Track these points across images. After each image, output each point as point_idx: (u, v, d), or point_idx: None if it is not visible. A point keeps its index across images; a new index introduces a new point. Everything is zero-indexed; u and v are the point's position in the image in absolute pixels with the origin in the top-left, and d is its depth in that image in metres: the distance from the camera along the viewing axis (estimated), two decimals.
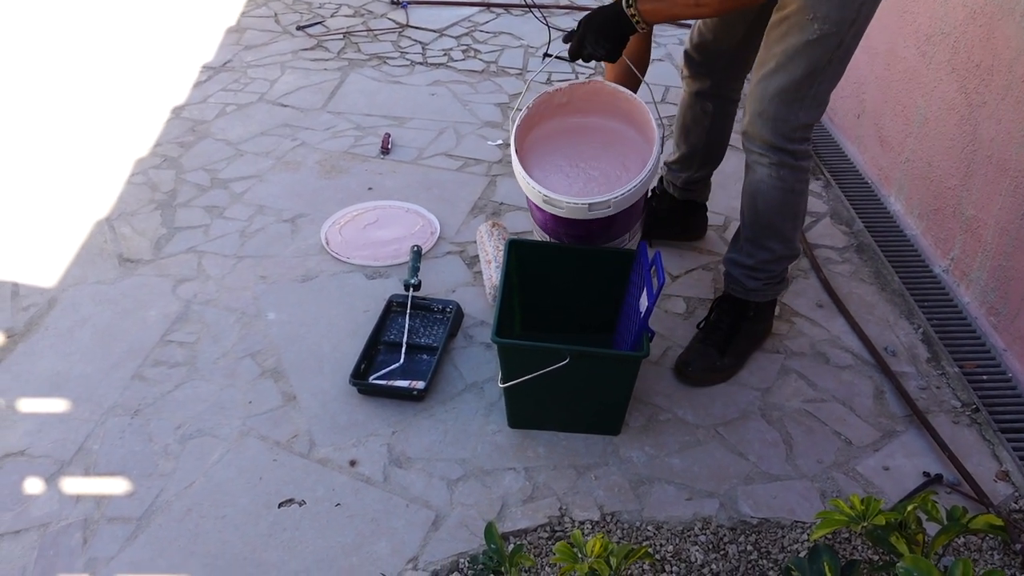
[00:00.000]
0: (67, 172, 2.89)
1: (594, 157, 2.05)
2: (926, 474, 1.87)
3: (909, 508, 1.31)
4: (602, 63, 1.99)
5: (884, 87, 2.84)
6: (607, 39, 1.82)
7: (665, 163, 2.49)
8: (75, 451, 1.88)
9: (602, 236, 2.04)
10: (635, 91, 2.04)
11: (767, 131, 1.90)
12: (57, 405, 1.99)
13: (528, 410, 1.92)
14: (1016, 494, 1.84)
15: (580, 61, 1.93)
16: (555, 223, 2.01)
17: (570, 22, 4.08)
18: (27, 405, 1.99)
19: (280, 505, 1.77)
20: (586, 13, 1.87)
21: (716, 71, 2.21)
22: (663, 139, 1.93)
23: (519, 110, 2.03)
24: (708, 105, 2.28)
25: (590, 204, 1.89)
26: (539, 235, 2.16)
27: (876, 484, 1.86)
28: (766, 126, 1.89)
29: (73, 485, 1.81)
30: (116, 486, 1.80)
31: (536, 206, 1.99)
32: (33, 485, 1.80)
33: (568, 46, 1.91)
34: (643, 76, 2.05)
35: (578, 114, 2.07)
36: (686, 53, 2.25)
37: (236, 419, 1.97)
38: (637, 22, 1.79)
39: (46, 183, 2.83)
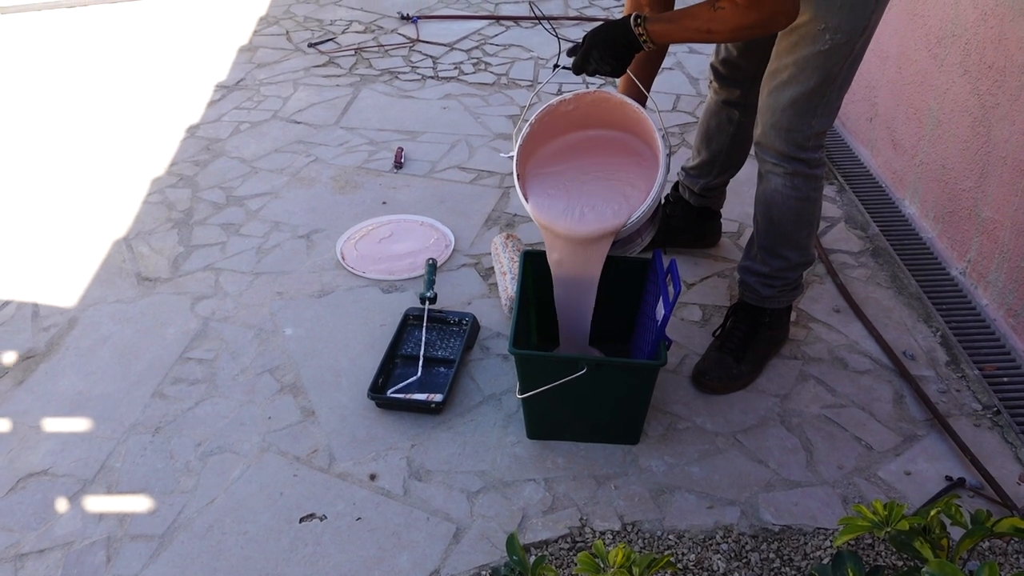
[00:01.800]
0: (85, 193, 2.92)
1: (596, 192, 1.95)
2: (948, 478, 1.86)
3: (932, 512, 1.30)
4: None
5: (896, 90, 2.83)
6: (612, 55, 1.78)
7: (683, 168, 2.49)
8: (97, 469, 1.90)
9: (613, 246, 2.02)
10: (642, 103, 1.98)
11: (781, 142, 1.90)
12: (79, 424, 2.01)
13: (546, 421, 1.93)
14: None
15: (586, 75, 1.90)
16: None
17: (580, 32, 4.10)
18: (49, 424, 2.01)
19: (301, 520, 1.78)
20: (592, 27, 1.83)
21: (744, 82, 2.21)
22: (669, 159, 1.88)
23: (525, 120, 2.01)
24: (735, 113, 2.27)
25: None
26: None
27: (898, 489, 1.84)
28: (780, 137, 1.89)
29: (96, 503, 1.82)
30: (138, 504, 1.82)
31: None
32: (56, 504, 1.82)
33: (573, 59, 1.87)
34: (648, 90, 2.02)
35: (583, 126, 2.03)
36: (712, 67, 2.25)
37: (256, 435, 1.98)
38: (645, 41, 1.75)
39: (64, 204, 2.86)
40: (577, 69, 1.85)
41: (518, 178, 1.93)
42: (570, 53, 1.86)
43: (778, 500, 1.82)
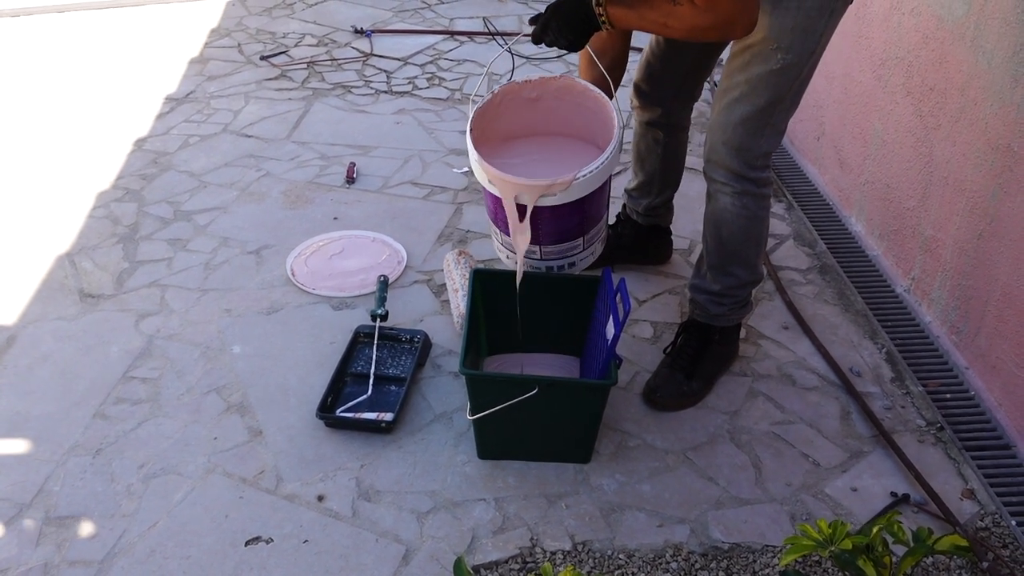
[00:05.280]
0: (27, 206, 2.85)
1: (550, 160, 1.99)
2: (893, 494, 1.89)
3: (875, 531, 1.32)
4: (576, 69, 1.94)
5: (842, 110, 2.89)
6: (571, 30, 1.79)
7: (625, 190, 2.51)
8: (35, 493, 1.84)
9: (554, 230, 1.97)
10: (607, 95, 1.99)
11: (731, 159, 1.92)
12: (16, 446, 1.95)
13: (498, 440, 1.91)
14: (982, 512, 1.85)
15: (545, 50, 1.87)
16: (504, 215, 1.93)
17: (533, 49, 4.11)
18: None
19: (247, 543, 1.74)
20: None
21: (666, 100, 2.23)
22: (622, 133, 1.88)
23: (478, 96, 1.97)
24: (659, 134, 2.30)
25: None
26: (496, 239, 2.10)
27: (845, 505, 1.86)
28: (730, 155, 1.91)
29: (33, 528, 1.76)
30: (77, 528, 1.77)
31: (490, 196, 1.94)
32: None
33: (533, 28, 1.86)
34: (619, 80, 2.01)
35: (543, 129, 2.03)
36: (635, 85, 2.26)
37: (201, 456, 1.94)
38: (603, 22, 1.76)
39: (5, 218, 2.78)
40: (536, 38, 1.85)
41: (470, 131, 1.91)
42: (531, 22, 1.86)
43: (727, 518, 1.83)
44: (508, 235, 1.97)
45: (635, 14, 1.74)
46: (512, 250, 1.99)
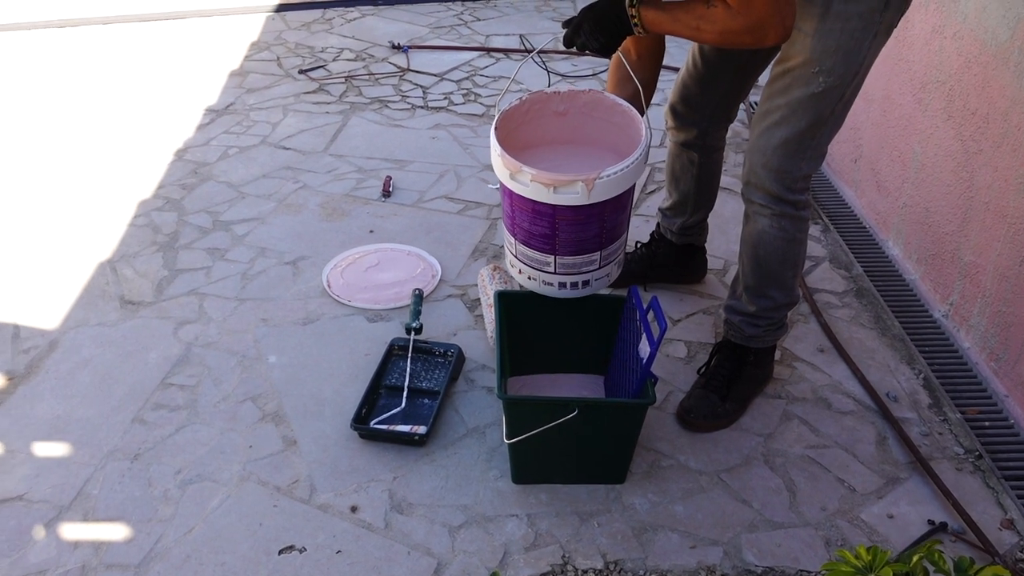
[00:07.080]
0: (70, 214, 2.90)
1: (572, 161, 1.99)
2: (931, 522, 1.86)
3: (915, 559, 1.30)
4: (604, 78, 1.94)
5: (881, 133, 2.87)
6: (603, 33, 1.78)
7: (660, 209, 2.51)
8: (74, 496, 1.87)
9: (572, 238, 1.93)
10: (638, 107, 1.96)
11: (770, 182, 1.91)
12: (57, 449, 1.98)
13: (533, 464, 1.90)
14: (1021, 542, 1.83)
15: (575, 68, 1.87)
16: (522, 217, 1.93)
17: (569, 67, 4.14)
18: (26, 449, 1.98)
19: (280, 552, 1.75)
20: (590, 2, 1.80)
21: (702, 122, 2.23)
22: (649, 144, 1.86)
23: (499, 110, 1.98)
24: (694, 155, 2.30)
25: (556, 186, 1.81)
26: (509, 250, 2.08)
27: (881, 532, 1.84)
28: (769, 177, 1.90)
29: (72, 531, 1.79)
30: (115, 532, 1.79)
31: (508, 197, 1.92)
32: (31, 531, 1.79)
33: (566, 31, 1.85)
34: (648, 100, 1.99)
35: (570, 140, 2.04)
36: (671, 106, 2.26)
37: (236, 464, 1.96)
38: (636, 25, 1.75)
39: (49, 225, 2.84)
40: (568, 41, 1.84)
41: (495, 130, 1.91)
42: (564, 25, 1.86)
43: (761, 541, 1.82)
44: (524, 244, 1.96)
45: (668, 16, 1.72)
46: (525, 262, 1.99)
